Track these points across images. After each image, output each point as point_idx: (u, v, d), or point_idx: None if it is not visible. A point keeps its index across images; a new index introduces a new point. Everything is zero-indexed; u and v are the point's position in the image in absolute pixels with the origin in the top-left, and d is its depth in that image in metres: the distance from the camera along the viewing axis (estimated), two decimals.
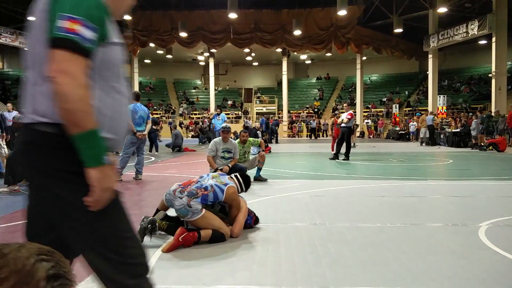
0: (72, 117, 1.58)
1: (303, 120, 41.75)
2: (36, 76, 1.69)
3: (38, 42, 1.67)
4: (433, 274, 3.45)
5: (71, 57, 1.56)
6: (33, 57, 1.72)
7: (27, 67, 1.77)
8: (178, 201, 4.33)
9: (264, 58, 45.70)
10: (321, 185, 8.50)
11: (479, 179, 9.33)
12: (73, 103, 1.56)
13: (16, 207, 6.35)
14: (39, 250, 1.09)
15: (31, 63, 1.73)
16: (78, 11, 1.57)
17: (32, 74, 1.73)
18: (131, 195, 7.69)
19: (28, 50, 1.77)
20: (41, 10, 1.66)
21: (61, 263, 1.11)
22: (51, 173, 1.69)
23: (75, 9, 1.57)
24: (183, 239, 4.10)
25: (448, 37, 29.68)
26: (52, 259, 1.09)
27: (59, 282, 1.07)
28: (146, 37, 33.45)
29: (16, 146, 1.82)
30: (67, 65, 1.55)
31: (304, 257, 3.91)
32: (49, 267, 1.06)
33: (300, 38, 32.96)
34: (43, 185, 1.73)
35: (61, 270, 1.09)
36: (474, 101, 35.09)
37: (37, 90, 1.69)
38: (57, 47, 1.56)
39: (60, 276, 1.08)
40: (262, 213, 5.65)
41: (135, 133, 9.29)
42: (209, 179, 4.69)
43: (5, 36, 28.99)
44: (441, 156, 16.35)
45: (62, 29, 1.55)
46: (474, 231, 4.83)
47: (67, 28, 1.55)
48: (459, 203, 6.73)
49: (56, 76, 1.54)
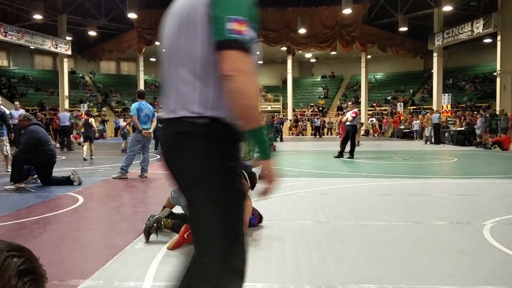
0: (248, 112, 1.70)
1: (308, 119, 41.72)
2: (187, 73, 1.80)
3: (191, 42, 1.77)
4: (438, 272, 3.47)
5: (243, 56, 1.66)
6: (184, 56, 1.81)
7: (172, 65, 1.87)
8: (184, 199, 4.34)
9: (269, 56, 45.60)
10: (326, 183, 8.51)
11: (484, 178, 9.31)
12: (249, 100, 1.67)
13: (21, 204, 6.39)
14: (8, 246, 1.10)
15: (181, 62, 1.82)
16: (242, 12, 1.67)
17: (182, 71, 1.82)
18: (137, 193, 7.73)
19: (171, 49, 1.87)
20: (194, 13, 1.75)
21: (31, 259, 1.11)
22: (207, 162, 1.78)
23: (239, 11, 1.67)
24: (189, 236, 4.11)
25: (453, 35, 29.58)
26: (22, 255, 1.09)
27: (29, 277, 1.07)
28: (152, 36, 33.47)
29: (165, 137, 1.91)
30: (242, 65, 1.65)
31: (309, 255, 3.93)
32: (20, 263, 1.07)
33: (305, 36, 32.94)
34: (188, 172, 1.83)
35: (31, 265, 1.10)
36: (479, 99, 34.92)
37: (186, 87, 1.80)
38: (230, 48, 1.65)
39: (31, 272, 1.08)
40: (266, 211, 5.67)
41: (140, 131, 9.34)
42: None
43: (11, 34, 29.04)
44: (446, 155, 16.32)
45: (232, 31, 1.65)
46: (478, 229, 4.84)
47: (236, 30, 1.65)
48: (464, 201, 6.73)
49: (233, 75, 1.64)
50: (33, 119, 8.61)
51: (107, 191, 7.91)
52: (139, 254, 3.97)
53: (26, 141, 8.07)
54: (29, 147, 8.02)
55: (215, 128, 1.77)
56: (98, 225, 5.40)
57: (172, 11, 1.89)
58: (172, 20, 1.87)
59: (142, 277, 3.35)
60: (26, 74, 41.84)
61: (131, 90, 42.57)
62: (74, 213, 5.88)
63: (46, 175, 8.27)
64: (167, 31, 1.91)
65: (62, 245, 4.30)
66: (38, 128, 8.38)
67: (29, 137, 8.08)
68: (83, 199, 6.84)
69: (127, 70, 49.47)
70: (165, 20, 1.95)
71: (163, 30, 1.96)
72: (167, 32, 1.91)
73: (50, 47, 32.79)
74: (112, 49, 38.35)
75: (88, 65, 44.60)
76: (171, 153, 1.88)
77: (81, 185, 8.17)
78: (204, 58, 1.74)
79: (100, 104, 42.01)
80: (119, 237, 4.59)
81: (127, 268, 3.58)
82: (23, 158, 7.98)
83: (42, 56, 43.34)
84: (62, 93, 34.47)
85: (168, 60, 1.90)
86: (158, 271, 3.51)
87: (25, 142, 8.08)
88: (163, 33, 1.95)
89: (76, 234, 4.74)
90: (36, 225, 5.15)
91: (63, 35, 34.02)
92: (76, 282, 3.21)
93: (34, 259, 1.13)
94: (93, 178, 9.37)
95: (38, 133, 8.18)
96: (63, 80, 34.69)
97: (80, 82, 44.53)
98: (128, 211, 6.10)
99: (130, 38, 36.35)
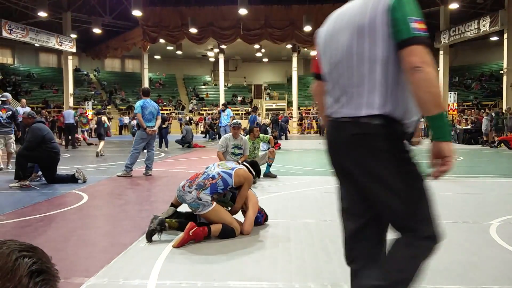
0: (435, 98, 1.88)
1: (313, 117, 41.70)
2: (364, 75, 2.04)
3: (370, 46, 2.00)
4: (444, 271, 3.44)
5: (426, 50, 1.91)
6: (361, 58, 2.03)
7: (347, 67, 2.10)
8: (188, 196, 4.36)
9: (274, 54, 45.59)
10: (331, 181, 8.46)
11: (490, 176, 9.27)
12: (436, 87, 1.89)
13: (26, 202, 6.40)
14: (20, 246, 1.09)
15: (358, 64, 2.05)
16: (418, 13, 1.94)
17: (357, 73, 2.05)
18: (141, 191, 7.73)
19: (345, 53, 2.10)
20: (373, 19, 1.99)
21: (43, 259, 1.11)
22: (387, 157, 2.03)
23: (416, 12, 1.94)
24: (193, 234, 4.11)
25: (459, 33, 29.45)
26: (34, 255, 1.09)
27: (41, 277, 1.07)
28: (156, 33, 33.51)
29: (339, 138, 2.15)
30: (427, 57, 1.89)
31: (314, 253, 3.92)
32: (31, 263, 1.06)
33: (310, 34, 32.75)
34: (375, 169, 2.05)
35: (43, 265, 1.09)
36: (485, 98, 34.81)
37: (363, 88, 2.04)
38: (417, 43, 1.90)
39: (42, 272, 1.08)
40: (272, 209, 5.66)
41: (145, 129, 9.33)
42: (215, 168, 4.68)
43: (15, 31, 29.08)
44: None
45: (416, 29, 1.91)
46: (485, 228, 4.81)
47: (418, 28, 1.92)
48: (470, 200, 6.70)
49: (421, 66, 1.87)
50: (37, 117, 8.62)
51: (112, 189, 7.91)
52: (144, 252, 3.96)
53: (31, 139, 8.07)
54: (33, 145, 8.02)
55: (389, 126, 2.01)
56: (103, 223, 5.40)
57: (343, 21, 2.13)
58: (345, 27, 2.10)
59: (147, 275, 3.35)
60: (31, 72, 41.96)
61: (136, 88, 42.64)
62: (79, 211, 5.89)
63: (50, 173, 8.27)
64: (339, 37, 2.14)
65: (66, 243, 4.30)
66: (42, 126, 8.38)
67: (34, 135, 8.08)
68: (88, 197, 6.84)
69: (131, 68, 49.51)
70: (330, 27, 2.22)
71: (328, 37, 2.23)
72: (338, 38, 2.14)
73: (54, 44, 32.82)
74: (117, 46, 38.35)
75: (92, 63, 44.69)
76: (349, 153, 2.10)
77: (85, 183, 8.17)
78: (383, 59, 1.99)
79: (105, 102, 42.11)
80: (124, 235, 4.59)
81: (132, 266, 3.57)
82: (27, 156, 7.99)
83: (47, 53, 43.39)
84: (66, 91, 34.52)
85: (340, 63, 2.13)
86: (163, 269, 3.50)
87: (30, 140, 8.08)
88: (329, 39, 2.21)
89: (80, 232, 4.73)
90: (41, 223, 5.15)
91: (67, 32, 34.06)
92: (81, 280, 3.21)
93: (46, 258, 1.12)
94: (98, 176, 9.38)
95: (42, 130, 8.18)
96: (68, 77, 34.73)
97: (84, 80, 44.63)
98: (133, 209, 6.10)
99: (135, 35, 36.34)
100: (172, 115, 37.85)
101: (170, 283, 3.22)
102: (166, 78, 49.15)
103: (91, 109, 34.06)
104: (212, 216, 4.29)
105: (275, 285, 3.18)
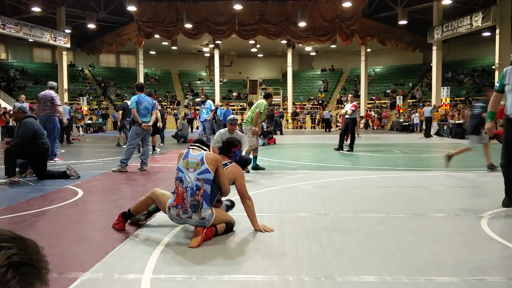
0: None
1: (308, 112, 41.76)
2: None
3: None
4: (436, 263, 3.48)
5: None
6: None
7: None
8: (191, 220, 4.26)
9: (269, 49, 45.55)
10: (325, 176, 8.53)
11: (481, 170, 9.34)
12: None
13: (20, 198, 6.38)
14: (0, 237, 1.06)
15: None
16: None
17: None
18: (136, 186, 7.73)
19: None
20: None
21: (26, 250, 1.07)
22: None
23: None
24: (205, 234, 4.12)
25: (452, 29, 29.55)
26: (14, 246, 1.05)
27: (21, 270, 1.03)
28: (151, 29, 33.41)
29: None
30: None
31: (308, 246, 3.95)
32: (9, 255, 1.03)
33: (305, 29, 32.82)
34: None
35: (25, 257, 1.05)
36: (477, 93, 34.91)
37: None
38: None
39: (23, 264, 1.04)
40: (267, 203, 5.69)
41: (140, 124, 9.32)
42: (187, 175, 4.30)
43: (9, 26, 28.93)
44: (444, 148, 16.30)
45: None
46: (476, 221, 4.87)
47: None
48: (462, 193, 6.76)
49: None
50: (28, 112, 8.55)
51: (107, 184, 7.92)
52: (138, 246, 3.98)
53: (23, 134, 7.94)
54: (26, 140, 7.91)
55: None
56: (98, 218, 5.41)
57: None
58: None
59: (142, 270, 3.36)
60: (24, 67, 41.72)
61: (131, 83, 42.45)
62: (74, 206, 5.89)
63: (39, 169, 8.19)
64: None
65: (61, 238, 4.31)
66: (34, 120, 8.31)
67: (25, 130, 7.96)
68: (83, 192, 6.84)
69: (126, 63, 49.32)
70: None
71: None
72: None
73: (49, 40, 32.69)
74: (112, 42, 38.19)
75: (87, 58, 44.46)
76: None
77: (80, 178, 8.16)
78: None
79: (100, 97, 41.97)
80: (119, 230, 4.60)
81: (127, 260, 3.59)
82: (16, 152, 7.91)
83: (41, 49, 43.15)
84: (61, 86, 34.33)
85: None
86: (157, 263, 3.52)
87: (21, 135, 7.95)
88: None
89: (75, 227, 4.75)
90: (36, 218, 5.15)
91: (62, 28, 33.92)
92: (75, 275, 3.22)
93: (30, 249, 1.08)
94: (93, 171, 9.37)
95: (34, 125, 8.12)
96: (62, 73, 34.63)
97: (79, 75, 44.42)
98: (128, 204, 6.08)
99: (130, 31, 36.25)
100: (168, 111, 37.72)
101: (165, 277, 3.24)
102: (161, 74, 49.04)
103: (86, 105, 33.99)
104: (215, 222, 4.30)
105: (269, 278, 3.20)
